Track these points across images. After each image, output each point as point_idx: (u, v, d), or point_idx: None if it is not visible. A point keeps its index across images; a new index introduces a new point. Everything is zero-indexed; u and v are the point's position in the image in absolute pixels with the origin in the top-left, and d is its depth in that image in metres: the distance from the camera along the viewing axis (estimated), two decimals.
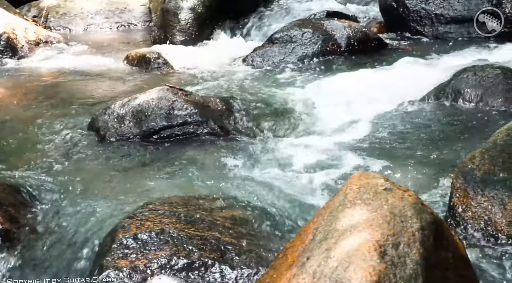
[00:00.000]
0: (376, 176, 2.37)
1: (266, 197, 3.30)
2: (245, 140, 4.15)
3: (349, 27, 6.03)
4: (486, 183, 2.83)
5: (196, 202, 3.16)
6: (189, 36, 6.84)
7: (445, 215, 2.92)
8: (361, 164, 3.65)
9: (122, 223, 2.85)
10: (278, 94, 4.89)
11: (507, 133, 2.89)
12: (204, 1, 6.92)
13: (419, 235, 2.11)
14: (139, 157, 3.95)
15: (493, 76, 4.43)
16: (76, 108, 4.78)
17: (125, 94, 4.96)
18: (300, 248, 2.27)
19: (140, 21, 8.11)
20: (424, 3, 6.17)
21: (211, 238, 2.79)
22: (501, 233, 2.74)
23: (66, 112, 4.68)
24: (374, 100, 4.52)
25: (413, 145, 3.87)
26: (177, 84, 4.98)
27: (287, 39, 6.00)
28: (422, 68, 5.12)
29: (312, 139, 4.06)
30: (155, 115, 4.24)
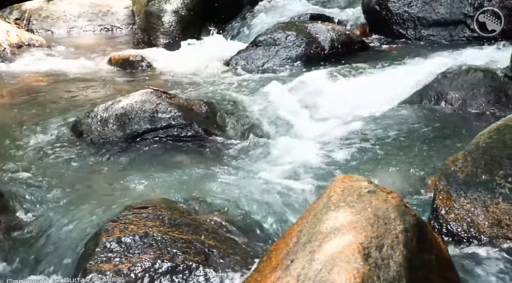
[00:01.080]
0: (359, 178, 2.38)
1: (251, 200, 3.30)
2: (229, 143, 4.15)
3: (332, 30, 6.05)
4: (469, 185, 2.85)
5: (180, 205, 3.16)
6: (173, 39, 6.83)
7: (428, 217, 2.93)
8: (345, 167, 3.66)
9: (106, 227, 2.84)
10: (262, 97, 4.89)
11: (489, 136, 2.91)
12: (187, 4, 6.91)
13: (402, 237, 2.12)
14: (123, 160, 3.94)
15: (475, 79, 4.46)
16: (59, 112, 4.76)
17: (109, 97, 4.94)
18: (284, 250, 2.27)
19: (124, 24, 8.09)
20: (406, 6, 6.20)
21: (195, 241, 2.79)
22: (483, 235, 2.76)
23: (49, 116, 4.65)
24: (357, 103, 4.54)
25: (396, 147, 3.89)
26: (161, 87, 4.96)
27: (271, 41, 6.00)
28: (405, 71, 5.14)
29: (295, 142, 4.07)
30: (139, 118, 4.23)
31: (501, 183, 2.79)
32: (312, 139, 4.08)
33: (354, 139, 4.03)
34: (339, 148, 3.92)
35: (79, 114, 4.45)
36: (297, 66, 5.77)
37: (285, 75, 5.48)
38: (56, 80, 5.79)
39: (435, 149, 3.81)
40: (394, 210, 2.20)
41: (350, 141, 4.01)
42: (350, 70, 5.40)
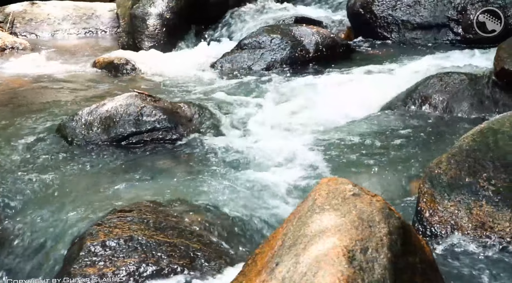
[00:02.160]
0: (344, 181, 2.38)
1: (236, 203, 3.30)
2: (214, 146, 4.14)
3: (317, 33, 6.07)
4: (453, 188, 2.87)
5: (165, 208, 3.15)
6: (158, 42, 6.81)
7: (412, 220, 2.95)
8: (330, 170, 3.67)
9: (90, 230, 2.83)
10: (247, 100, 4.90)
11: (473, 139, 2.92)
12: (172, 7, 6.90)
13: (387, 239, 2.13)
14: (107, 163, 3.92)
15: (458, 82, 4.49)
16: (43, 115, 4.73)
17: (93, 100, 4.92)
18: (270, 254, 2.28)
19: (108, 27, 8.06)
20: (391, 9, 6.23)
21: (180, 244, 2.79)
22: (467, 237, 2.77)
23: (33, 119, 4.62)
24: (342, 106, 4.55)
25: (381, 150, 3.90)
26: (146, 90, 4.96)
27: (256, 45, 6.01)
28: (389, 74, 5.17)
29: (280, 144, 4.07)
30: (124, 122, 4.22)
31: (485, 185, 2.81)
32: (297, 143, 4.08)
33: (338, 142, 4.04)
34: (323, 150, 3.92)
35: (63, 117, 4.43)
36: (282, 69, 5.78)
37: (270, 78, 5.49)
38: (40, 84, 5.76)
39: (419, 152, 3.83)
40: (379, 213, 2.21)
41: (334, 144, 4.02)
42: (334, 73, 5.42)
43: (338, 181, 2.39)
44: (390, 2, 6.26)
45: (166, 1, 6.88)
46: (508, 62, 4.34)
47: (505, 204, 2.75)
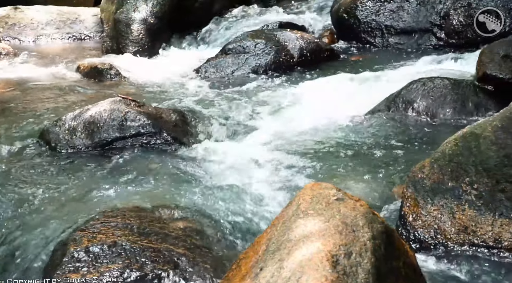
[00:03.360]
0: (328, 186, 2.39)
1: (220, 207, 3.30)
2: (198, 151, 4.14)
3: (301, 38, 6.09)
4: (436, 192, 2.89)
5: (149, 213, 3.14)
6: (142, 47, 6.80)
7: (396, 224, 2.96)
8: (314, 174, 3.67)
9: (73, 236, 2.82)
10: (231, 105, 4.90)
11: (455, 143, 2.94)
12: (156, 12, 6.90)
13: (370, 244, 2.14)
14: (91, 169, 3.91)
15: (441, 87, 4.52)
16: (26, 121, 4.70)
17: (77, 105, 4.90)
18: (254, 258, 2.28)
19: (92, 31, 8.03)
20: (374, 14, 6.26)
21: (164, 249, 2.78)
22: (450, 241, 2.79)
23: (16, 125, 4.59)
24: (326, 111, 4.56)
25: (364, 155, 3.91)
26: (130, 95, 4.94)
27: (240, 49, 6.02)
28: (372, 79, 5.19)
29: (265, 149, 4.08)
30: (108, 127, 4.20)
31: (467, 189, 2.83)
32: (281, 147, 4.09)
33: (323, 147, 4.05)
34: (307, 155, 3.93)
35: (47, 123, 4.41)
36: (267, 74, 5.79)
37: (254, 83, 5.50)
38: (23, 89, 5.72)
39: (402, 156, 3.85)
40: (362, 218, 2.22)
41: (319, 149, 4.03)
42: (318, 78, 5.44)
43: (322, 185, 2.40)
44: (373, 7, 6.29)
45: (150, 6, 6.88)
46: (490, 67, 4.38)
47: (488, 208, 2.77)
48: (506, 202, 2.75)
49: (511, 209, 2.73)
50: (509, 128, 2.82)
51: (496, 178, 2.79)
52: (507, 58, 4.37)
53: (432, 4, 6.00)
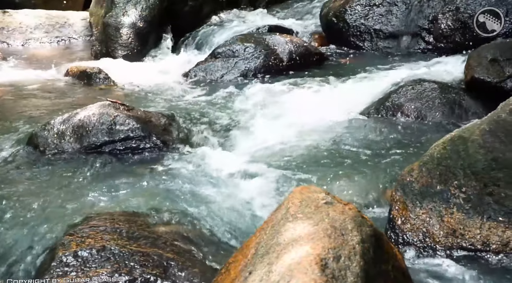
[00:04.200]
0: (317, 190, 2.39)
1: (209, 211, 3.30)
2: (188, 155, 4.14)
3: (290, 42, 6.09)
4: (424, 195, 2.89)
5: (138, 217, 3.14)
6: (131, 50, 6.80)
7: (385, 227, 2.97)
8: (302, 178, 3.68)
9: (62, 240, 2.81)
10: (221, 109, 4.90)
11: (443, 147, 2.95)
12: (145, 16, 6.89)
13: (359, 248, 2.14)
14: (80, 173, 3.89)
15: (430, 90, 4.54)
16: (14, 125, 4.68)
17: (66, 109, 4.88)
18: (243, 262, 2.28)
19: (81, 35, 8.01)
20: (363, 18, 6.28)
21: (154, 254, 2.77)
22: (438, 245, 2.80)
23: (4, 129, 4.57)
24: (315, 115, 4.57)
25: (354, 159, 3.92)
26: (119, 99, 4.93)
27: (230, 53, 6.02)
28: (362, 82, 5.21)
29: (254, 153, 4.08)
30: (97, 131, 4.19)
31: (455, 193, 2.84)
32: (271, 151, 4.09)
33: (312, 151, 4.06)
34: (296, 159, 3.94)
35: (35, 127, 4.39)
36: (256, 77, 5.79)
37: (244, 87, 5.50)
38: (11, 93, 5.70)
39: (391, 160, 3.86)
40: (351, 221, 2.22)
41: (308, 152, 4.04)
42: (308, 81, 5.44)
43: (311, 189, 2.41)
44: (362, 11, 6.31)
45: (139, 10, 6.88)
46: (478, 71, 4.41)
47: (476, 211, 2.78)
48: (494, 205, 2.76)
49: (499, 212, 2.75)
50: (497, 131, 2.84)
51: (484, 181, 2.80)
52: (494, 62, 4.40)
53: (420, 8, 6.03)
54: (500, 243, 2.72)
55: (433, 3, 5.96)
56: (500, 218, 2.74)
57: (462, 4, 5.75)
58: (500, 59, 4.42)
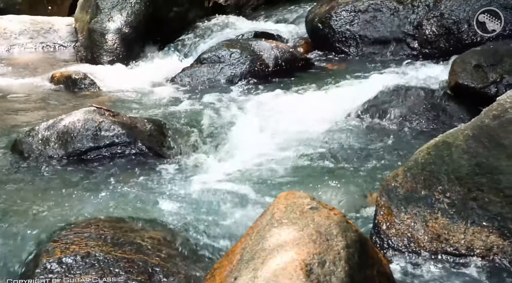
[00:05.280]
0: (302, 195, 2.40)
1: (194, 217, 3.29)
2: (173, 160, 4.13)
3: (276, 48, 6.10)
4: (409, 201, 2.91)
5: (123, 223, 3.13)
6: (117, 56, 6.78)
7: (370, 233, 2.97)
8: (288, 183, 3.68)
9: (46, 247, 2.79)
10: (206, 114, 4.89)
11: (428, 152, 2.97)
12: (131, 21, 6.88)
13: (344, 253, 2.15)
14: (65, 179, 3.88)
15: (415, 96, 4.56)
16: None
17: (50, 115, 4.86)
18: (228, 268, 2.28)
19: (66, 41, 7.99)
20: (348, 24, 6.30)
21: (138, 260, 2.77)
22: (423, 249, 2.81)
23: None
24: (300, 120, 4.57)
25: (339, 164, 3.93)
26: (104, 105, 4.92)
27: (216, 59, 6.02)
28: (347, 88, 5.22)
29: (239, 158, 4.08)
30: (82, 137, 4.18)
31: (440, 198, 2.85)
32: (256, 156, 4.09)
33: (297, 156, 4.06)
34: (282, 164, 3.94)
35: (20, 133, 4.37)
36: (242, 83, 5.79)
37: (230, 93, 5.50)
38: None
39: (376, 165, 3.87)
40: (336, 226, 2.23)
41: (293, 158, 4.04)
42: (293, 87, 5.45)
43: (296, 194, 2.41)
44: (348, 17, 6.33)
45: (125, 16, 6.87)
46: (462, 77, 4.44)
47: (460, 216, 2.80)
48: (478, 210, 2.78)
49: (482, 217, 2.76)
50: (480, 137, 2.86)
51: (468, 186, 2.82)
52: (478, 68, 4.43)
53: (405, 14, 6.06)
54: (484, 247, 2.74)
55: (418, 9, 6.00)
56: (484, 223, 2.75)
57: (447, 10, 5.79)
58: (484, 65, 4.45)
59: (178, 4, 7.38)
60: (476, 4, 5.66)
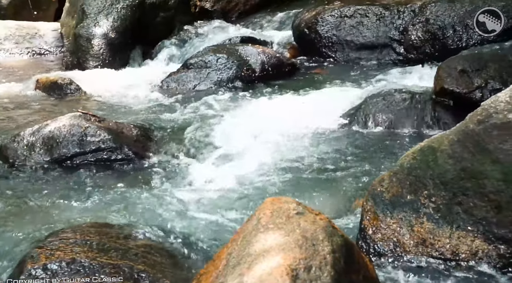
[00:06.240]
0: (288, 200, 2.40)
1: (180, 223, 3.29)
2: (160, 166, 4.13)
3: (263, 53, 6.11)
4: (395, 205, 2.91)
5: (109, 229, 3.11)
6: (103, 61, 6.77)
7: (356, 237, 2.98)
8: (274, 188, 3.68)
9: (31, 253, 2.77)
10: (193, 119, 4.89)
11: (413, 157, 2.97)
12: (117, 27, 6.87)
13: (330, 258, 2.15)
14: (50, 185, 3.86)
15: (401, 100, 4.58)
16: None
17: (36, 121, 4.84)
18: (214, 274, 2.27)
19: (52, 46, 7.96)
20: (335, 29, 6.32)
21: (124, 266, 2.75)
22: (409, 254, 2.81)
23: None
24: (287, 126, 4.57)
25: (325, 169, 3.93)
26: (90, 110, 4.91)
27: (202, 64, 6.02)
28: (333, 93, 5.23)
29: (225, 164, 4.08)
30: (67, 142, 4.17)
31: (425, 202, 2.86)
32: (242, 161, 4.09)
33: (284, 161, 4.06)
34: (268, 169, 3.94)
35: (4, 139, 4.35)
36: (228, 88, 5.79)
37: (216, 98, 5.49)
38: None
39: (362, 170, 3.88)
40: (322, 231, 2.23)
41: (280, 163, 4.04)
42: (280, 92, 5.46)
43: (282, 199, 2.41)
44: (334, 22, 6.35)
45: (111, 21, 6.86)
46: (448, 82, 4.46)
47: (445, 221, 2.81)
48: (463, 214, 2.79)
49: (467, 221, 2.77)
50: (465, 142, 2.87)
51: (453, 191, 2.83)
52: (464, 73, 4.45)
53: (391, 20, 6.09)
54: (469, 252, 2.75)
55: (404, 14, 6.03)
56: (469, 228, 2.76)
57: (432, 15, 5.82)
58: (469, 70, 4.47)
59: (165, 9, 7.38)
60: (461, 10, 5.70)
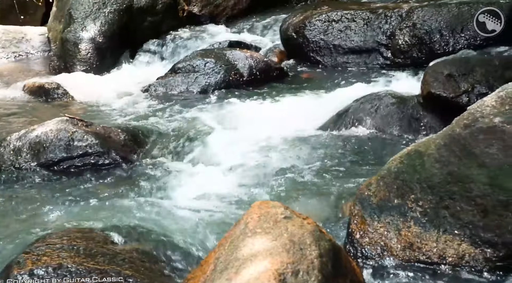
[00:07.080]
0: (276, 205, 2.40)
1: (168, 227, 3.28)
2: (147, 171, 4.12)
3: (251, 57, 6.11)
4: (382, 209, 2.92)
5: (96, 234, 3.10)
6: (90, 65, 6.75)
7: (344, 241, 2.98)
8: (262, 193, 3.68)
9: (17, 259, 2.76)
10: (181, 124, 4.89)
11: (400, 161, 2.99)
12: (104, 31, 6.86)
13: (317, 262, 2.15)
14: (37, 190, 3.85)
15: (388, 105, 4.58)
16: None
17: (22, 126, 4.82)
18: (202, 278, 2.27)
19: (39, 50, 7.92)
20: (322, 34, 6.33)
21: (112, 271, 2.75)
22: (396, 258, 2.82)
23: None
24: (274, 130, 4.58)
25: (313, 173, 3.94)
26: (78, 115, 4.89)
27: (190, 68, 6.02)
28: (321, 97, 5.25)
29: (213, 168, 4.08)
30: (54, 147, 4.15)
31: (412, 206, 2.87)
32: (230, 165, 4.09)
33: (271, 166, 4.06)
34: (256, 174, 3.94)
35: None
36: (216, 93, 5.79)
37: (204, 102, 5.50)
38: None
39: (350, 174, 3.89)
40: (310, 235, 2.24)
41: (267, 167, 4.04)
42: (268, 97, 5.47)
43: (270, 204, 2.42)
44: (321, 27, 6.36)
45: (98, 25, 6.84)
46: (434, 86, 4.47)
47: (432, 225, 2.81)
48: (449, 218, 2.80)
49: (454, 225, 2.78)
50: (452, 146, 2.88)
51: (440, 195, 2.84)
52: (450, 78, 4.47)
53: (378, 24, 6.10)
54: (456, 256, 2.76)
55: (391, 19, 6.05)
56: (456, 231, 2.77)
57: (419, 20, 5.84)
58: (456, 75, 4.49)
59: (152, 13, 7.37)
60: (448, 14, 5.73)
